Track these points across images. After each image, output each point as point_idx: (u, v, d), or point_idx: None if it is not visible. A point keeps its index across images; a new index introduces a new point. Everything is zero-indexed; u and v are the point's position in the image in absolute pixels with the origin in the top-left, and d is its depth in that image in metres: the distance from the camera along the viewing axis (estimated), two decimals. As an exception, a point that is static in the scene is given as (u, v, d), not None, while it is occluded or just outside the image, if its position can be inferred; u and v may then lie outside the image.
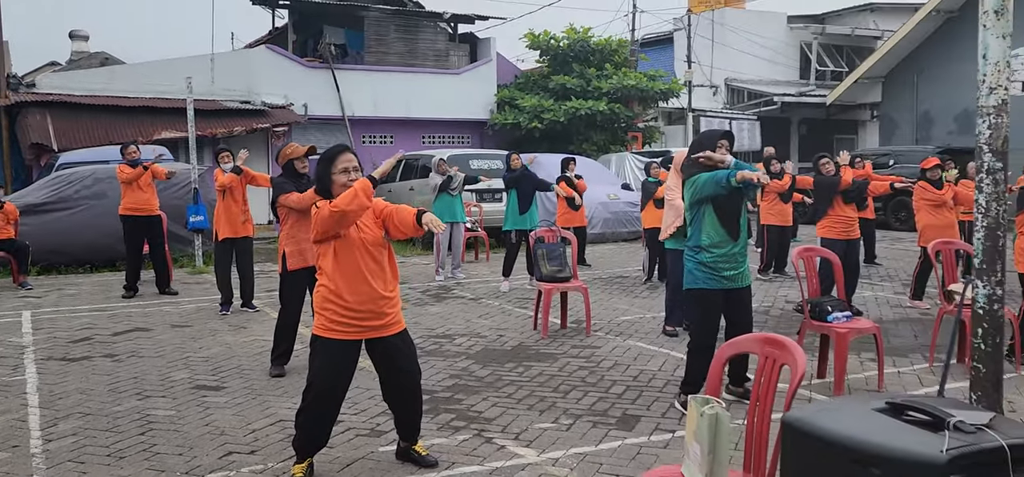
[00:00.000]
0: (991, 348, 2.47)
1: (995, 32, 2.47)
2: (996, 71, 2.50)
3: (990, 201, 2.50)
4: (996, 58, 2.49)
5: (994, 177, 2.52)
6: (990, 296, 2.50)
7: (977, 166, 2.57)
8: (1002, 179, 2.59)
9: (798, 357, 2.68)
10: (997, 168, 2.54)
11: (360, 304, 3.99)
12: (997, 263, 2.51)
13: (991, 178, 2.52)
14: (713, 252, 5.12)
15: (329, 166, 4.08)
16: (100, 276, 11.93)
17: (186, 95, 12.14)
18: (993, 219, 2.53)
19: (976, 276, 2.54)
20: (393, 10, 20.86)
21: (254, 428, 5.01)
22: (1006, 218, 2.64)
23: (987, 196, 2.51)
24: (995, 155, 2.53)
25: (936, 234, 8.85)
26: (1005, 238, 2.63)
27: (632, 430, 4.95)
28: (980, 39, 2.51)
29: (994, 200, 2.52)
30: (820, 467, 1.93)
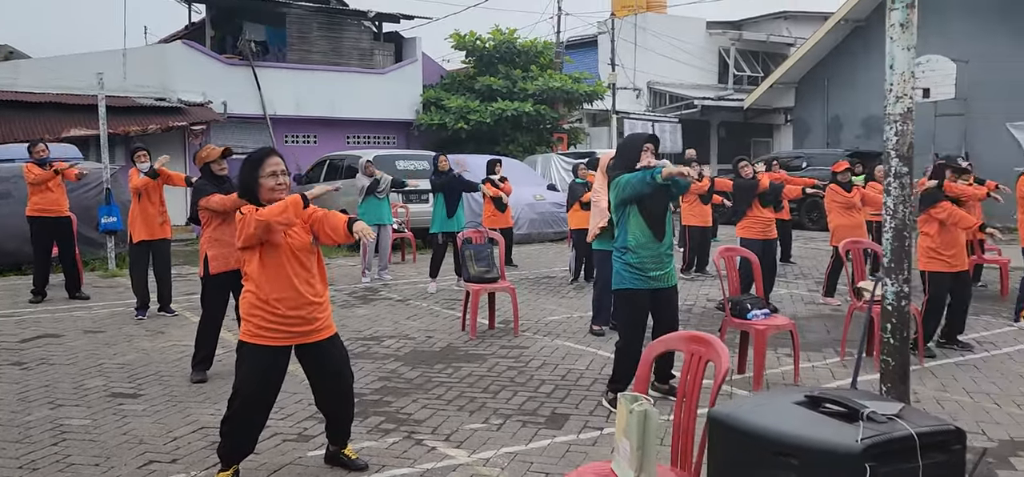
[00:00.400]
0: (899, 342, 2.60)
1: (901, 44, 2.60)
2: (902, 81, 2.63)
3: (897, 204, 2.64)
4: (902, 68, 2.63)
5: (901, 181, 2.66)
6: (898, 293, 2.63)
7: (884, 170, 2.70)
8: (908, 183, 2.73)
9: (722, 354, 2.77)
10: (903, 172, 2.67)
11: (288, 309, 3.93)
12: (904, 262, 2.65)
13: (898, 182, 2.65)
14: (639, 253, 5.22)
15: (255, 170, 4.00)
16: (5, 280, 11.36)
17: (97, 91, 11.67)
18: (900, 221, 2.66)
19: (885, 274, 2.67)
20: (316, 8, 20.52)
21: (175, 436, 4.87)
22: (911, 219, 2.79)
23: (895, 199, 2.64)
24: (901, 160, 2.66)
25: (847, 234, 9.22)
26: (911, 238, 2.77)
27: (561, 428, 5.00)
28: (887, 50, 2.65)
29: (901, 203, 2.65)
30: (745, 459, 2.00)
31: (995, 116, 19.22)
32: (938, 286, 6.62)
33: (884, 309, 2.67)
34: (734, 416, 2.10)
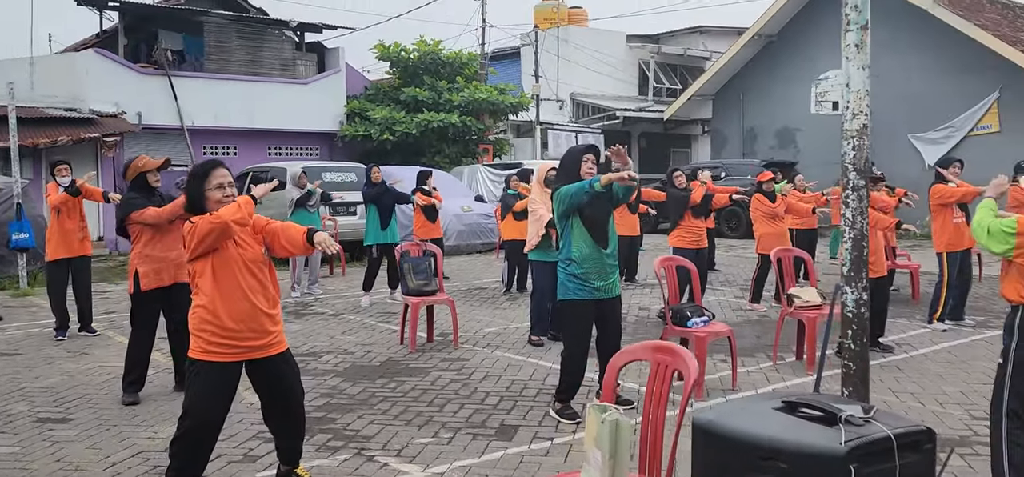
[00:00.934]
0: (859, 347, 2.74)
1: (856, 64, 2.74)
2: (857, 98, 2.77)
3: (855, 215, 2.77)
4: (857, 87, 2.77)
5: (858, 194, 2.79)
6: (858, 300, 2.76)
7: (842, 184, 2.83)
8: (866, 196, 2.87)
9: (691, 363, 2.85)
10: (861, 185, 2.81)
11: (241, 323, 3.84)
12: (863, 270, 2.78)
13: (856, 195, 2.78)
14: (583, 264, 5.29)
15: (203, 182, 3.90)
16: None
17: (7, 101, 11.12)
18: (858, 231, 2.80)
19: (845, 282, 2.80)
20: (235, 17, 20.04)
21: (114, 461, 4.68)
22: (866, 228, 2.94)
23: (853, 211, 2.78)
24: (859, 174, 2.81)
25: (772, 242, 9.55)
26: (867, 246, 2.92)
27: (512, 440, 5.02)
28: (843, 69, 2.79)
29: (859, 214, 2.79)
30: (731, 465, 2.07)
31: (898, 128, 20.24)
32: (861, 291, 6.92)
33: (845, 316, 2.79)
34: (718, 423, 2.17)
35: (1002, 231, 3.32)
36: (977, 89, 18.82)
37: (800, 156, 21.99)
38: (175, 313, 6.02)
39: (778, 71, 23.38)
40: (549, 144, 25.10)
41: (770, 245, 9.62)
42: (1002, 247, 3.37)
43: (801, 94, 21.66)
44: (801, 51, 22.44)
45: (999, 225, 3.34)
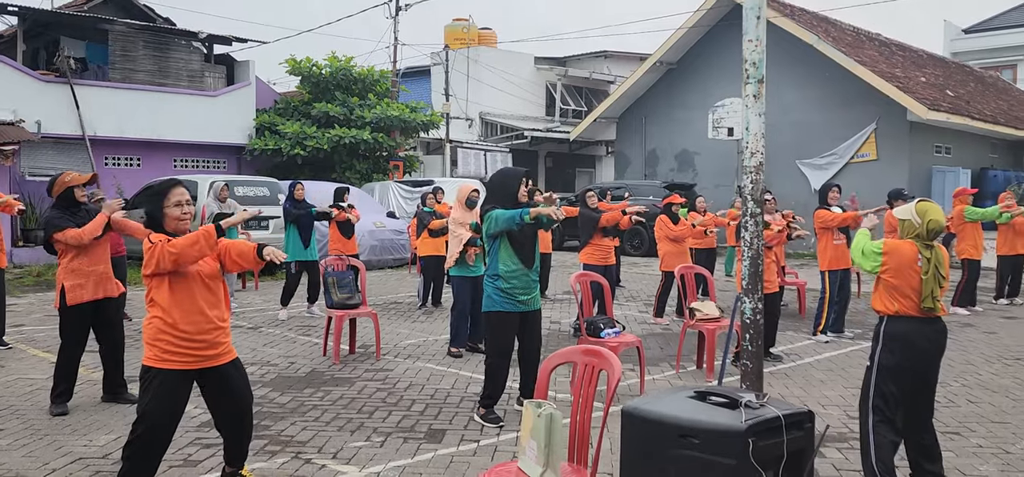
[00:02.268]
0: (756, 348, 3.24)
1: (754, 111, 3.27)
2: (755, 140, 3.29)
3: (753, 238, 3.29)
4: (755, 130, 3.29)
5: (755, 219, 3.32)
6: (754, 309, 3.27)
7: (742, 212, 3.35)
8: (761, 221, 3.40)
9: (615, 364, 3.30)
10: (757, 213, 3.34)
11: (196, 334, 4.07)
12: (759, 284, 3.30)
13: (753, 220, 3.31)
14: (510, 279, 5.71)
15: (161, 200, 4.12)
16: None
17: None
18: (755, 251, 3.32)
19: (744, 294, 3.31)
20: (141, 25, 19.65)
21: (54, 468, 4.79)
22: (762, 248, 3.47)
23: (751, 234, 3.29)
24: (756, 203, 3.33)
25: (674, 260, 10.26)
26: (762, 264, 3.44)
27: (441, 442, 5.39)
28: (743, 116, 3.30)
29: (756, 237, 3.31)
30: (655, 443, 2.50)
31: (786, 154, 21.62)
32: (754, 305, 7.61)
33: (743, 322, 3.30)
34: (643, 409, 2.61)
35: (872, 252, 3.96)
36: (857, 120, 20.34)
37: (698, 178, 23.17)
38: (103, 327, 6.11)
39: (678, 97, 24.55)
40: (458, 162, 25.53)
41: (672, 263, 10.32)
42: (871, 265, 3.99)
43: (699, 119, 22.89)
44: (699, 79, 23.68)
45: (870, 247, 3.98)
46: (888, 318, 4.06)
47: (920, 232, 4.08)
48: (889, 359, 4.02)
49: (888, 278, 3.99)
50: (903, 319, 4.01)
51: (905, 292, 3.97)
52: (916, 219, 4.12)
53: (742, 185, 3.30)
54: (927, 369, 4.12)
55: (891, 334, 4.03)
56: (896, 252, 4.00)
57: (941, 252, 4.06)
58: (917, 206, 4.19)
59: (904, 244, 4.03)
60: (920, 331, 4.02)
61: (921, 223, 4.11)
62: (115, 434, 5.44)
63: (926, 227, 4.08)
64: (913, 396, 4.09)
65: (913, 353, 4.00)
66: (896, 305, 4.01)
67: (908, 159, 19.69)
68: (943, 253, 4.08)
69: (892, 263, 3.97)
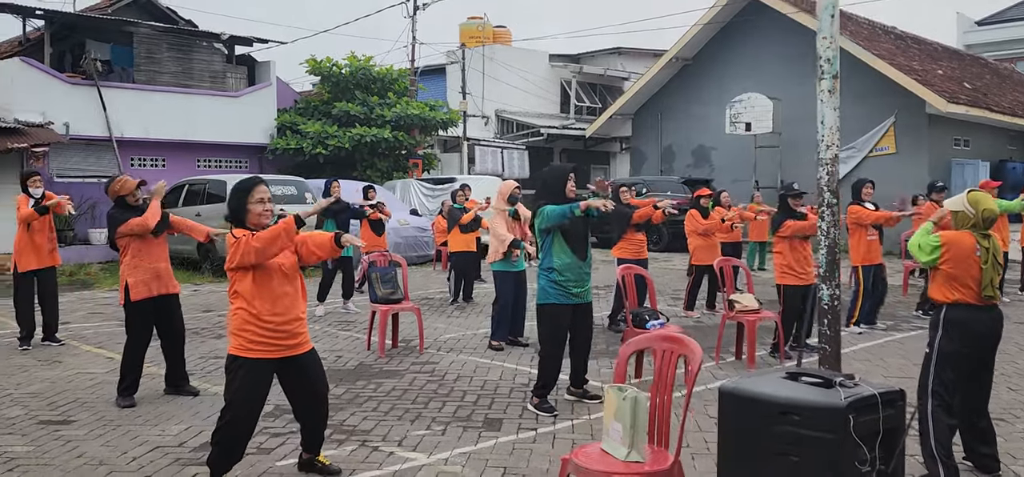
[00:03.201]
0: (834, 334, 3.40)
1: (829, 106, 3.42)
2: (830, 133, 3.45)
3: (829, 227, 3.45)
4: (830, 124, 3.45)
5: (832, 210, 3.48)
6: (832, 295, 3.44)
7: (818, 202, 3.51)
8: (837, 211, 3.56)
9: (696, 349, 3.47)
10: (833, 203, 3.49)
11: (278, 324, 4.26)
12: (835, 272, 3.46)
13: (829, 210, 3.47)
14: (564, 272, 5.87)
15: (245, 197, 4.31)
16: None
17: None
18: (832, 240, 3.48)
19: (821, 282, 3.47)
20: (165, 28, 19.89)
21: (133, 456, 4.98)
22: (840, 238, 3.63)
23: (827, 224, 3.46)
24: (831, 194, 3.49)
25: (705, 254, 10.42)
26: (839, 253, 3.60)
27: (500, 431, 5.55)
28: (818, 110, 3.46)
29: (832, 226, 3.47)
30: (754, 419, 2.66)
31: (805, 148, 21.72)
32: (792, 298, 7.75)
33: (821, 308, 3.46)
34: (742, 388, 2.77)
35: (930, 246, 4.12)
36: (875, 114, 20.43)
37: (714, 173, 23.27)
38: (164, 322, 6.31)
39: (694, 93, 24.66)
40: (476, 159, 25.68)
41: (703, 257, 10.50)
42: (930, 258, 4.15)
43: (715, 115, 23.04)
44: (715, 74, 23.78)
45: (928, 242, 4.14)
46: (948, 306, 4.21)
47: (975, 222, 4.23)
48: (949, 346, 4.17)
49: (947, 269, 4.15)
50: (962, 307, 4.16)
51: (965, 282, 4.13)
52: (970, 210, 4.27)
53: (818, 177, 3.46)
54: (985, 355, 4.27)
55: (951, 321, 4.18)
56: (955, 244, 4.15)
57: (997, 241, 4.21)
58: (968, 197, 4.33)
59: (962, 235, 4.18)
60: (979, 318, 4.17)
61: (975, 213, 4.25)
62: (185, 424, 5.63)
63: (981, 216, 4.23)
64: (970, 381, 4.24)
65: (972, 339, 4.16)
66: (956, 294, 4.17)
67: (927, 152, 19.76)
68: (999, 241, 4.23)
69: (951, 255, 4.12)
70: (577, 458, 3.57)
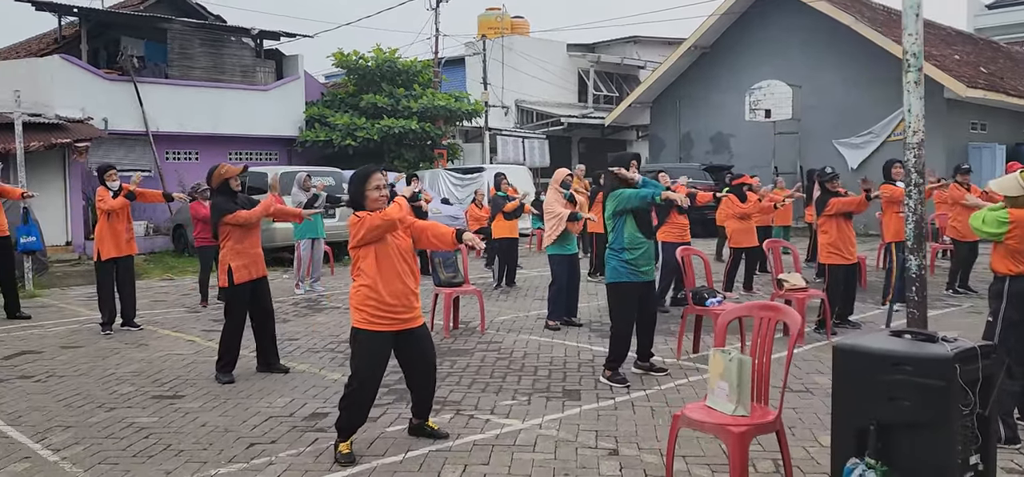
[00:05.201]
0: (921, 299, 3.81)
1: (915, 95, 3.82)
2: (916, 120, 3.85)
3: (917, 205, 3.86)
4: (916, 112, 3.85)
5: (918, 189, 3.88)
6: (920, 265, 3.84)
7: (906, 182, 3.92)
8: (923, 190, 3.96)
9: (796, 316, 3.89)
10: (920, 183, 3.91)
11: (396, 300, 4.68)
12: (923, 244, 3.87)
13: (916, 189, 3.87)
14: (634, 252, 6.30)
15: (363, 184, 4.73)
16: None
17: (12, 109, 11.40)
18: (919, 216, 3.89)
19: (909, 253, 3.87)
20: (197, 24, 20.30)
21: (253, 424, 5.42)
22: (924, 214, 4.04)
23: (915, 201, 3.86)
24: (919, 174, 3.89)
25: (742, 237, 10.85)
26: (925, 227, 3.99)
27: (581, 400, 5.98)
28: (905, 100, 3.86)
29: (919, 203, 3.89)
30: (868, 371, 3.06)
31: (823, 134, 22.09)
32: (836, 276, 8.16)
33: (909, 277, 3.86)
34: (855, 345, 3.18)
35: (998, 220, 4.51)
36: (893, 99, 20.70)
37: (734, 160, 23.63)
38: (258, 304, 6.74)
39: (712, 80, 25.01)
40: (498, 149, 26.09)
41: (741, 240, 10.92)
42: (996, 231, 4.54)
43: (733, 102, 23.40)
44: (734, 62, 24.12)
45: (995, 216, 4.53)
46: (1011, 278, 4.61)
47: (1033, 199, 4.61)
48: (1014, 315, 4.57)
49: (1013, 243, 4.54)
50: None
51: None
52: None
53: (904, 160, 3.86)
54: (1045, 324, 4.67)
55: (1015, 292, 4.59)
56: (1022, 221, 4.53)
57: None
58: (1021, 176, 4.71)
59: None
60: (1042, 288, 4.58)
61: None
62: (287, 397, 6.07)
63: None
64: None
65: (1034, 309, 4.56)
66: (1020, 266, 4.57)
67: (945, 136, 20.08)
68: None
69: (1019, 231, 4.51)
70: (688, 412, 4.00)
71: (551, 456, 4.77)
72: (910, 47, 3.77)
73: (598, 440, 5.05)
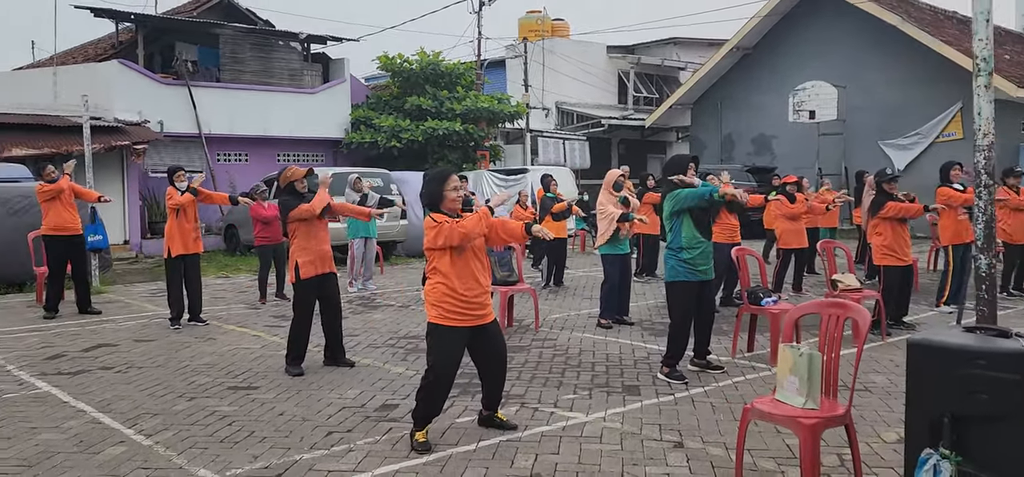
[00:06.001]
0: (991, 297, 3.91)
1: (985, 99, 3.92)
2: (986, 123, 3.95)
3: (987, 205, 3.96)
4: (987, 115, 3.94)
5: (989, 190, 3.98)
6: (989, 264, 3.94)
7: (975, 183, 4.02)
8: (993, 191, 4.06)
9: (864, 313, 4.00)
10: (990, 184, 4.00)
11: (471, 297, 4.88)
12: (992, 243, 3.96)
13: (987, 190, 3.97)
14: (692, 251, 6.42)
15: (441, 186, 4.94)
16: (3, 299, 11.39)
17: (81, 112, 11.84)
18: (989, 215, 3.99)
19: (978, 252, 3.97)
20: (248, 28, 20.79)
21: (328, 414, 5.66)
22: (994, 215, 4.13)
23: (985, 201, 3.96)
24: (989, 175, 3.99)
25: (792, 238, 10.90)
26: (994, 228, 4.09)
27: (640, 396, 6.12)
28: (975, 104, 3.96)
29: (989, 204, 3.98)
30: (943, 365, 3.19)
31: (869, 135, 21.93)
32: (891, 278, 8.20)
33: (979, 275, 3.96)
34: (930, 340, 3.30)
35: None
36: (941, 99, 20.54)
37: (776, 161, 23.54)
38: (326, 299, 6.99)
39: (754, 81, 24.95)
40: (539, 150, 26.27)
41: (791, 241, 10.97)
42: None
43: (776, 103, 23.32)
44: (777, 63, 24.04)
45: None
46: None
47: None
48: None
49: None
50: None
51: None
52: None
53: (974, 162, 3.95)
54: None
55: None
56: None
57: None
58: None
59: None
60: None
61: None
62: (357, 389, 6.30)
63: None
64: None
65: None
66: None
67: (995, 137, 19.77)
68: None
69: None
70: (758, 405, 4.13)
71: (618, 447, 4.93)
72: (980, 52, 3.87)
73: (662, 433, 5.20)
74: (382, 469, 4.57)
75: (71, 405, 5.95)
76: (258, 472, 4.54)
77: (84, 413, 5.73)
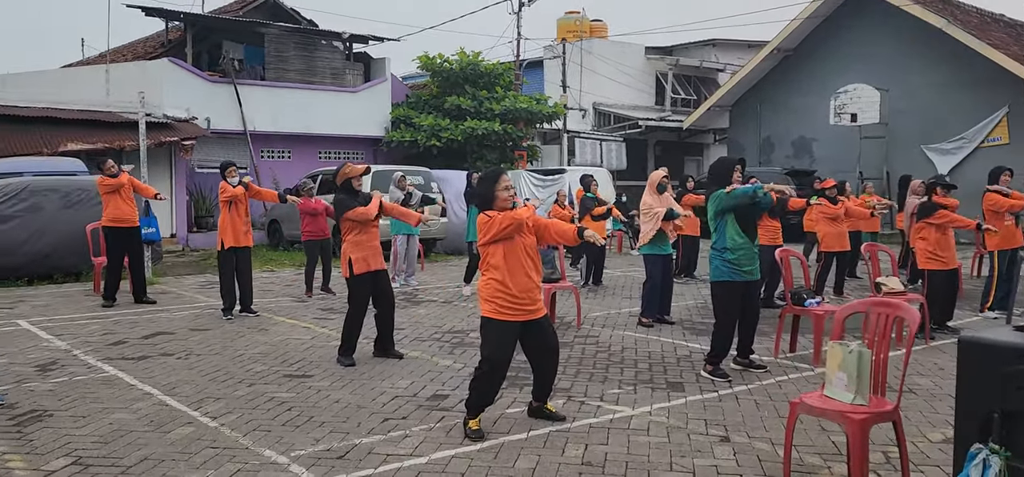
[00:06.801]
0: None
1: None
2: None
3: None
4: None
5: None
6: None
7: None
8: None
9: (913, 312, 4.09)
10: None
11: (522, 292, 5.05)
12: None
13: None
14: (737, 252, 6.52)
15: (493, 185, 5.12)
16: (59, 288, 11.78)
17: (138, 109, 12.23)
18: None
19: None
20: (292, 28, 21.19)
21: (382, 403, 5.86)
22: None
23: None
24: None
25: (833, 241, 10.89)
26: None
27: (684, 392, 6.24)
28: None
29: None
30: (992, 362, 3.27)
31: (912, 139, 21.68)
32: (935, 282, 8.21)
33: None
34: (981, 338, 3.39)
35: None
36: (987, 103, 20.25)
37: (816, 165, 23.38)
38: (379, 294, 7.20)
39: (794, 84, 24.78)
40: (576, 151, 26.37)
41: (832, 244, 10.96)
42: None
43: (816, 106, 23.15)
44: (818, 65, 23.86)
45: None
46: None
47: None
48: None
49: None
50: None
51: None
52: None
53: None
54: None
55: None
56: None
57: None
58: None
59: None
60: None
61: None
62: (408, 380, 6.50)
63: None
64: None
65: None
66: None
67: (1046, 143, 19.52)
68: None
69: None
70: (808, 400, 4.24)
71: (665, 440, 5.06)
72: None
73: (708, 428, 5.31)
74: (438, 454, 4.75)
75: (138, 388, 6.22)
76: (321, 453, 4.75)
77: (151, 395, 6.00)
